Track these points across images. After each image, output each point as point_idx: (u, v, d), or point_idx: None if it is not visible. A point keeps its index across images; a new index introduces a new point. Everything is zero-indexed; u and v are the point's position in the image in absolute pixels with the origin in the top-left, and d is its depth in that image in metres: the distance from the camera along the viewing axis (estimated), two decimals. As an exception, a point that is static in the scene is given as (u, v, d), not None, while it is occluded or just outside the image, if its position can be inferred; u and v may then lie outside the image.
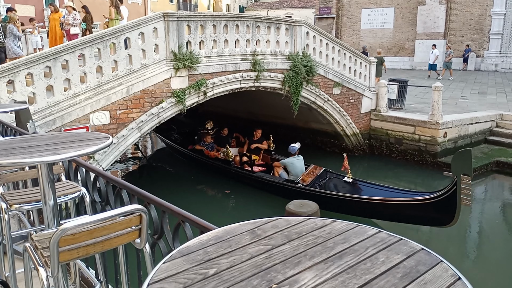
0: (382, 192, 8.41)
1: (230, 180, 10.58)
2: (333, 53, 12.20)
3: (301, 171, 9.51)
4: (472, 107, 14.17)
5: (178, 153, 12.91)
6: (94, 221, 1.87)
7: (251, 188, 10.13)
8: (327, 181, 9.23)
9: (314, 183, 9.08)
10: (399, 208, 7.69)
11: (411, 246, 1.14)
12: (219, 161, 10.99)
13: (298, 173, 9.42)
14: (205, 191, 10.78)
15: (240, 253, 1.12)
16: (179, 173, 12.37)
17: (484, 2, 27.07)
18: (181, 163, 12.85)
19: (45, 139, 2.45)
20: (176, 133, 13.69)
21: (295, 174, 9.46)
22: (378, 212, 8.10)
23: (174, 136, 13.52)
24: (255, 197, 9.83)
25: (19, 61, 6.90)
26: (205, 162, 11.42)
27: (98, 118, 7.68)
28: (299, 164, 9.65)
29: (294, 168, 9.58)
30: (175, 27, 8.57)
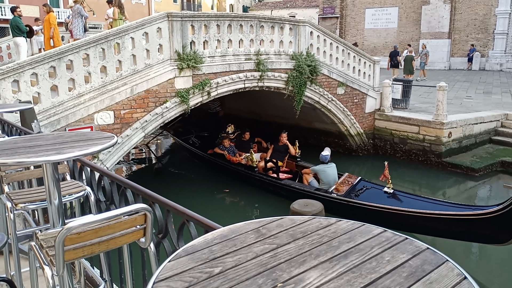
0: (426, 204, 7.68)
1: (253, 187, 10.08)
2: (337, 52, 12.18)
3: (334, 179, 8.91)
4: (477, 107, 14.11)
5: (197, 157, 12.41)
6: (99, 220, 1.87)
7: (255, 188, 10.10)
8: (364, 191, 8.53)
9: (349, 193, 8.45)
10: (449, 223, 6.96)
11: (417, 245, 1.14)
12: (242, 167, 10.43)
13: (331, 182, 8.85)
14: (210, 191, 10.75)
15: (245, 252, 1.12)
16: (186, 173, 12.36)
17: (489, 2, 26.96)
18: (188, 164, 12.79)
19: (50, 139, 2.46)
20: (194, 137, 13.22)
21: (327, 183, 8.87)
22: (424, 227, 7.35)
23: (192, 139, 13.07)
24: (259, 197, 9.83)
25: (24, 61, 6.93)
26: (226, 168, 10.88)
27: (102, 118, 7.70)
28: (332, 172, 9.01)
29: (326, 176, 8.93)
30: (179, 27, 8.58)
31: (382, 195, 8.27)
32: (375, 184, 8.80)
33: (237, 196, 10.44)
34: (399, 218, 7.47)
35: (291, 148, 10.51)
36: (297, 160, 10.58)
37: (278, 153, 10.58)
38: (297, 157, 10.55)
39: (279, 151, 10.59)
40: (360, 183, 8.80)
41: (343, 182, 8.83)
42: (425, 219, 7.17)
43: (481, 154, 11.92)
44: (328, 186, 8.76)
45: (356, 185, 8.69)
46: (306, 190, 8.82)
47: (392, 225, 6.99)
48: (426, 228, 7.35)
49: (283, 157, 10.58)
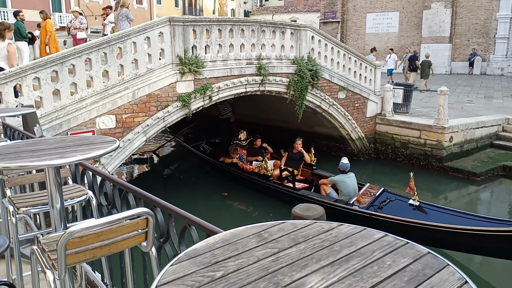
0: (456, 218, 7.20)
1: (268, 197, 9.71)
2: (338, 57, 12.21)
3: (354, 190, 8.47)
4: (478, 111, 14.11)
5: (208, 164, 12.00)
6: (101, 224, 1.88)
7: (255, 192, 10.08)
8: (388, 203, 8.03)
9: (371, 205, 8.01)
10: (483, 239, 6.51)
11: (418, 250, 1.14)
12: (256, 176, 9.98)
13: (351, 193, 8.40)
14: (212, 195, 10.74)
15: (247, 256, 1.13)
16: (192, 179, 12.30)
17: (490, 6, 27.01)
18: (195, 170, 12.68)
19: (52, 143, 2.47)
20: (205, 143, 12.87)
21: (347, 194, 8.42)
22: (454, 242, 6.93)
23: (202, 146, 12.71)
24: (261, 200, 9.82)
25: (26, 65, 6.96)
26: (239, 176, 10.46)
27: (104, 122, 7.72)
28: (352, 182, 8.55)
29: (346, 187, 8.47)
30: (181, 31, 8.62)
31: (407, 208, 7.76)
32: (399, 195, 8.33)
33: (238, 200, 10.44)
34: (429, 233, 6.97)
35: (306, 156, 10.15)
36: (313, 168, 10.18)
37: (293, 161, 10.23)
38: (312, 165, 10.18)
39: (293, 159, 10.26)
40: (383, 195, 8.31)
41: (365, 193, 8.37)
42: (458, 235, 6.69)
43: (482, 159, 11.91)
44: (348, 198, 8.32)
45: (379, 197, 8.22)
46: (325, 202, 8.24)
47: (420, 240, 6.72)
48: (457, 244, 6.92)
49: (298, 165, 10.22)
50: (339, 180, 8.62)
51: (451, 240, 6.90)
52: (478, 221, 6.95)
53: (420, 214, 7.54)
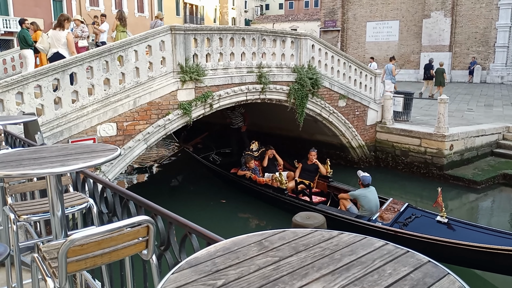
0: (488, 237, 6.64)
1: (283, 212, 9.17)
2: (338, 65, 12.26)
3: (376, 205, 7.99)
4: (478, 119, 14.13)
5: (219, 176, 11.54)
6: (102, 232, 1.88)
7: (256, 199, 10.06)
8: (413, 219, 7.50)
9: (395, 221, 7.51)
10: None
11: (418, 258, 1.15)
12: (270, 188, 9.48)
13: (373, 208, 7.93)
14: (212, 203, 10.72)
15: (248, 265, 1.13)
16: (192, 186, 12.30)
17: (489, 15, 27.18)
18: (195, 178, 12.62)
19: (54, 151, 2.49)
20: (215, 153, 12.49)
21: (369, 209, 7.93)
22: (490, 263, 6.42)
23: (212, 156, 12.34)
24: (261, 209, 9.80)
25: (28, 73, 7.00)
26: (252, 189, 9.98)
27: (105, 130, 7.74)
28: (373, 196, 8.08)
29: (368, 201, 7.98)
30: (182, 40, 8.67)
31: (434, 225, 7.25)
32: (425, 211, 7.81)
33: (238, 207, 10.41)
34: (460, 252, 6.46)
35: (322, 168, 9.71)
36: (329, 181, 9.73)
37: (308, 173, 9.80)
38: (328, 177, 9.73)
39: (308, 170, 9.84)
40: (407, 210, 7.81)
41: (388, 208, 7.88)
42: (494, 255, 6.18)
43: (482, 167, 11.90)
44: (370, 213, 7.85)
45: (403, 213, 7.72)
46: (346, 218, 7.88)
47: (451, 260, 6.35)
48: (494, 265, 6.43)
49: (313, 177, 9.79)
50: (360, 195, 8.09)
51: (486, 261, 6.38)
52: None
53: (449, 232, 6.98)
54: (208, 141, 13.39)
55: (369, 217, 7.71)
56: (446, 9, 28.20)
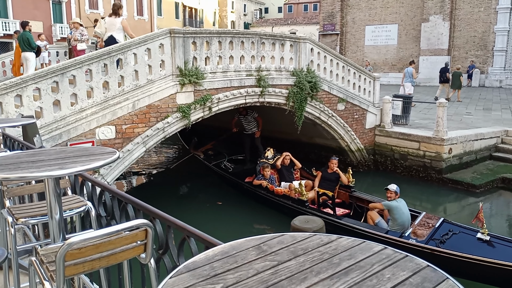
0: None
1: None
2: (337, 69, 12.28)
3: (408, 219, 7.40)
4: (477, 123, 14.16)
5: (232, 185, 10.99)
6: (100, 235, 1.88)
7: (253, 202, 10.03)
8: (451, 236, 6.87)
9: (431, 238, 6.86)
10: None
11: (417, 263, 1.14)
12: (289, 200, 8.86)
13: (405, 222, 7.32)
14: (207, 205, 10.70)
15: (246, 269, 1.13)
16: (189, 189, 12.27)
17: (488, 19, 27.29)
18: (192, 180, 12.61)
19: (52, 154, 2.48)
20: (227, 161, 11.98)
21: (401, 223, 7.30)
22: None
23: (224, 164, 11.80)
24: (260, 212, 9.78)
25: (27, 76, 6.99)
26: (269, 200, 9.40)
27: (104, 133, 7.73)
28: (406, 209, 7.43)
29: (401, 215, 7.30)
30: (181, 43, 8.68)
31: (475, 243, 6.63)
32: (463, 227, 7.20)
33: (236, 210, 10.39)
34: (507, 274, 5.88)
35: (343, 177, 9.18)
36: (351, 190, 9.22)
37: (328, 182, 9.25)
38: (350, 187, 9.22)
39: (328, 179, 9.30)
40: (443, 226, 7.19)
41: (421, 224, 7.27)
42: None
43: (481, 171, 11.91)
44: (402, 228, 7.25)
45: (439, 228, 7.11)
46: (376, 234, 7.16)
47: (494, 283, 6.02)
48: None
49: (334, 186, 9.22)
50: (395, 206, 7.36)
51: None
52: None
53: (492, 251, 6.34)
54: (219, 147, 12.92)
55: (401, 233, 7.10)
56: (445, 13, 28.30)
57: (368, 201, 8.68)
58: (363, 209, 8.75)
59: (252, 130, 11.84)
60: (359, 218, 8.41)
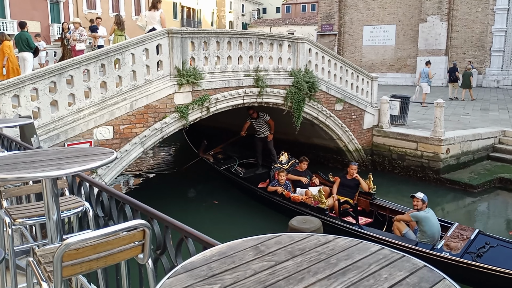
0: None
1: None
2: (335, 69, 12.30)
3: (438, 230, 6.97)
4: (475, 123, 14.19)
5: (244, 190, 10.49)
6: (98, 236, 1.87)
7: (252, 201, 10.01)
8: (488, 249, 6.37)
9: (466, 251, 6.37)
10: None
11: (414, 263, 1.15)
12: (307, 208, 8.34)
13: (435, 234, 6.88)
14: (203, 204, 10.68)
15: (244, 269, 1.13)
16: (189, 191, 12.24)
17: (485, 20, 27.35)
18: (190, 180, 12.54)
19: (50, 154, 2.48)
20: (237, 165, 11.63)
21: (431, 235, 6.85)
22: None
23: (234, 168, 11.43)
24: (257, 211, 9.78)
25: (24, 76, 6.98)
26: (285, 207, 8.85)
27: (101, 133, 7.72)
28: (435, 220, 7.00)
29: (431, 226, 6.86)
30: (179, 43, 8.68)
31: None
32: (501, 239, 6.70)
33: (232, 210, 10.39)
34: None
35: (363, 183, 8.75)
36: (372, 198, 8.78)
37: (347, 189, 8.84)
38: (371, 194, 8.78)
39: (348, 186, 8.88)
40: (478, 238, 6.68)
41: (454, 235, 6.77)
42: None
43: (479, 171, 11.94)
44: (432, 240, 6.81)
45: (474, 241, 6.61)
46: (405, 246, 6.67)
47: None
48: None
49: (353, 193, 8.81)
50: (424, 217, 6.90)
51: None
52: None
53: None
54: (229, 151, 12.53)
55: (433, 245, 6.66)
56: (442, 14, 28.36)
57: (390, 209, 8.29)
58: (385, 218, 8.35)
59: (264, 134, 11.46)
60: (380, 227, 8.01)
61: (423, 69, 18.38)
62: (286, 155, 10.19)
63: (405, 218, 7.28)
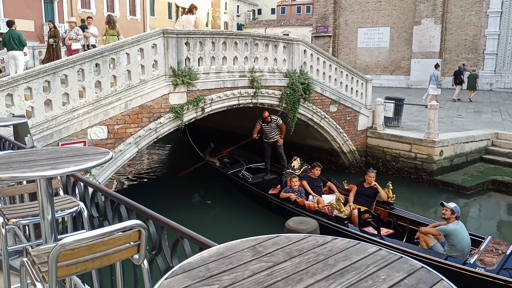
0: None
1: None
2: (330, 71, 12.33)
3: (468, 244, 6.56)
4: (468, 125, 14.29)
5: (253, 196, 10.00)
6: (93, 236, 1.86)
7: (248, 201, 9.97)
8: None
9: (502, 267, 5.93)
10: None
11: (412, 264, 1.15)
12: (323, 216, 7.84)
13: (465, 248, 6.47)
14: (203, 206, 10.67)
15: (242, 270, 1.13)
16: (180, 190, 12.19)
17: (479, 23, 27.57)
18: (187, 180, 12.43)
19: (44, 154, 2.46)
20: (245, 169, 11.29)
21: (461, 249, 6.43)
22: None
23: (242, 173, 11.08)
24: (253, 212, 9.78)
25: (18, 75, 6.93)
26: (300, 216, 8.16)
27: (95, 133, 7.68)
28: (465, 233, 6.57)
29: (461, 240, 6.44)
30: (174, 43, 8.66)
31: None
32: None
33: (228, 210, 10.38)
34: None
35: (382, 192, 8.28)
36: (391, 207, 8.29)
37: (365, 198, 8.37)
38: (390, 203, 8.31)
39: (365, 195, 8.40)
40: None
41: (488, 250, 6.34)
42: None
43: (472, 173, 12.02)
44: (461, 254, 6.40)
45: (511, 256, 6.17)
46: (434, 260, 6.25)
47: None
48: None
49: (371, 202, 8.34)
50: (453, 230, 6.45)
51: None
52: None
53: None
54: (236, 154, 12.14)
55: (465, 260, 6.24)
56: (437, 16, 28.55)
57: (410, 220, 7.92)
58: (404, 229, 7.95)
59: (274, 138, 10.88)
60: (400, 239, 7.62)
61: (432, 72, 19.02)
62: (298, 160, 9.75)
63: (432, 232, 6.79)
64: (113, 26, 12.14)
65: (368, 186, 8.43)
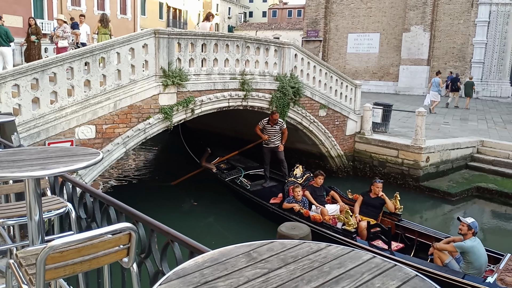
0: None
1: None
2: (320, 75, 12.39)
3: (485, 261, 6.19)
4: (454, 133, 14.47)
5: (252, 204, 9.61)
6: (83, 238, 1.84)
7: (240, 205, 9.91)
8: None
9: None
10: None
11: (406, 272, 1.16)
12: (329, 229, 7.49)
13: (482, 265, 6.13)
14: (193, 210, 10.58)
15: (237, 276, 1.12)
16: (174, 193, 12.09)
17: (467, 32, 28.00)
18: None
19: (33, 153, 2.42)
20: (243, 176, 10.82)
21: (478, 267, 6.09)
22: None
23: (240, 180, 10.59)
24: (246, 216, 9.74)
25: (6, 71, 6.82)
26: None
27: (83, 132, 7.59)
28: (483, 250, 6.22)
29: (479, 257, 6.10)
30: (166, 44, 8.62)
31: None
32: None
33: (220, 214, 10.33)
34: None
35: (389, 203, 7.97)
36: (398, 219, 7.96)
37: (371, 209, 8.02)
38: (398, 215, 7.98)
39: (372, 205, 8.04)
40: None
41: (509, 268, 6.05)
42: None
43: (457, 179, 12.17)
44: (478, 272, 6.06)
45: None
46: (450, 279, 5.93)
47: None
48: None
49: (377, 213, 8.01)
50: (470, 247, 6.10)
51: None
52: None
53: None
54: (233, 160, 11.75)
55: (483, 278, 5.89)
56: (426, 24, 28.92)
57: (419, 233, 7.59)
58: (412, 242, 7.63)
59: (275, 143, 10.40)
60: (408, 252, 7.35)
61: (433, 79, 19.74)
62: (300, 168, 9.39)
63: (448, 248, 6.45)
64: (106, 25, 12.05)
65: (375, 196, 8.09)
